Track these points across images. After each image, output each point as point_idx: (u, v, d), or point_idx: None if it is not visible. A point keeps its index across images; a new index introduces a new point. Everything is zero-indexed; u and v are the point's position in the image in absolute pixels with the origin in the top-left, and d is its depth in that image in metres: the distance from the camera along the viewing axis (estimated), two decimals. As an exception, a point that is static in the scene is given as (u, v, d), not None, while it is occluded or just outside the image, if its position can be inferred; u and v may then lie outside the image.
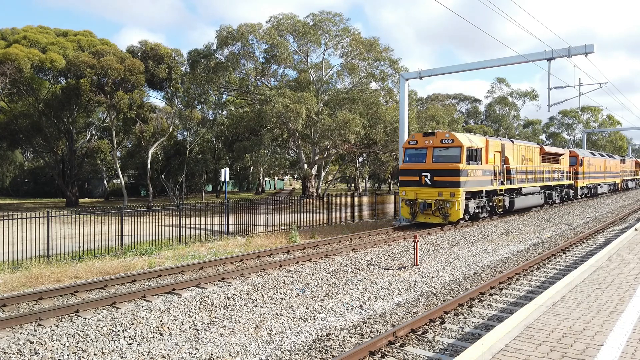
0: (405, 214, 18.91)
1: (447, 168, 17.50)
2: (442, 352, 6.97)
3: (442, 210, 17.65)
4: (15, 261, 12.43)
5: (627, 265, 10.24)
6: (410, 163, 18.80)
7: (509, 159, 21.24)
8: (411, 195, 18.43)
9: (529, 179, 23.39)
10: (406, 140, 19.30)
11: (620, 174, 45.33)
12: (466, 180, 17.52)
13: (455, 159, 17.49)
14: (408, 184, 18.62)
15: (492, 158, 19.70)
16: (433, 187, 17.81)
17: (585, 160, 33.15)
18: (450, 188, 17.33)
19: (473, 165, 17.96)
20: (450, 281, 11.47)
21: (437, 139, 18.00)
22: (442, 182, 17.59)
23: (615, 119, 75.69)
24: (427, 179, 17.95)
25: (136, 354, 6.84)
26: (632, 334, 5.91)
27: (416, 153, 18.73)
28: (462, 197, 17.34)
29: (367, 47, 33.62)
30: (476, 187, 18.43)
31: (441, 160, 17.87)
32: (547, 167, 25.89)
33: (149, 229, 16.42)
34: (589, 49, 18.68)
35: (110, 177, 51.66)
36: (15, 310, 8.59)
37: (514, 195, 21.74)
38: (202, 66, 33.33)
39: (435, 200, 17.75)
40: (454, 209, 17.34)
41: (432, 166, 17.96)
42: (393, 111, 32.34)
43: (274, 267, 11.75)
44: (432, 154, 18.10)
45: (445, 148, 17.84)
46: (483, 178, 18.85)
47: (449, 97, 68.89)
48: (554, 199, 27.20)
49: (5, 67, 28.54)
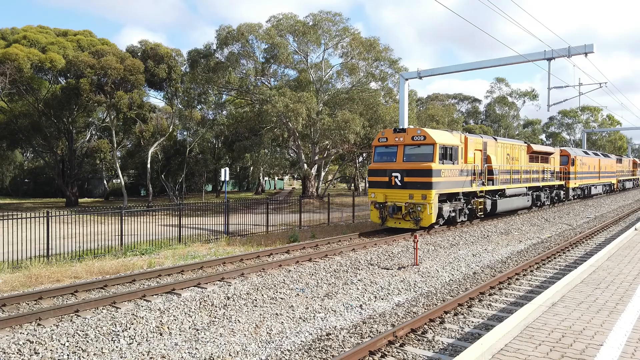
0: (374, 218, 17.40)
1: (418, 168, 16.10)
2: (442, 351, 6.97)
3: (413, 214, 16.17)
4: (15, 261, 12.43)
5: (627, 265, 10.24)
6: (379, 162, 17.33)
7: (492, 158, 19.99)
8: (380, 197, 16.90)
9: (514, 179, 22.24)
10: (376, 137, 17.77)
11: (617, 174, 44.08)
12: (440, 181, 16.21)
13: (428, 158, 16.11)
14: (377, 185, 17.14)
15: (471, 157, 18.40)
16: (403, 189, 16.34)
17: (577, 160, 31.97)
18: (422, 190, 15.92)
19: (448, 164, 16.64)
20: (450, 281, 11.47)
21: (408, 135, 16.58)
22: (413, 183, 16.16)
23: (615, 118, 75.79)
24: (397, 180, 16.45)
25: (136, 353, 6.84)
26: (631, 334, 5.92)
27: (386, 151, 17.21)
28: (434, 200, 15.95)
29: (367, 47, 33.63)
30: (452, 189, 17.07)
31: (413, 159, 16.46)
32: (535, 167, 24.74)
33: (149, 228, 16.41)
34: (588, 49, 18.69)
35: (110, 177, 51.66)
36: (15, 310, 8.59)
37: (497, 197, 20.47)
38: (202, 66, 33.33)
39: (406, 203, 16.27)
40: (426, 213, 15.90)
41: (402, 165, 16.49)
42: (393, 111, 32.35)
43: (273, 267, 11.75)
44: (403, 152, 16.64)
45: (417, 146, 16.41)
46: (460, 179, 17.53)
47: (449, 97, 68.94)
48: (543, 200, 26.07)
49: (5, 67, 28.55)
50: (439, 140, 16.21)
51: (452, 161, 16.86)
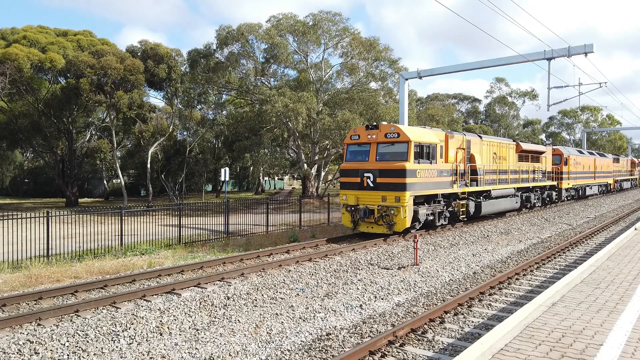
0: (346, 222, 16.32)
1: (391, 168, 14.97)
2: (442, 351, 6.97)
3: (386, 218, 15.03)
4: (15, 261, 12.43)
5: (626, 264, 10.25)
6: (351, 162, 16.16)
7: (476, 157, 18.93)
8: (352, 200, 15.73)
9: (501, 179, 21.13)
10: (348, 135, 16.57)
11: (613, 174, 42.70)
12: (415, 182, 15.09)
13: (401, 157, 14.98)
14: (349, 186, 15.94)
15: (453, 156, 17.35)
16: (376, 191, 15.18)
17: (570, 159, 30.64)
18: (395, 191, 14.74)
19: (425, 164, 15.54)
20: (450, 281, 11.47)
21: (381, 133, 15.40)
22: (385, 185, 15.01)
23: (615, 118, 75.87)
24: (369, 181, 15.29)
25: (136, 353, 6.84)
26: (631, 334, 5.92)
27: (359, 150, 16.07)
28: (409, 203, 14.83)
29: (366, 47, 33.64)
30: (429, 190, 15.98)
31: (387, 158, 15.33)
32: (524, 167, 23.64)
33: (149, 228, 16.42)
34: (588, 49, 18.70)
35: (110, 177, 51.68)
36: (15, 310, 8.59)
37: (482, 199, 19.31)
38: (202, 66, 33.35)
39: (379, 206, 15.11)
40: (399, 217, 14.75)
41: (375, 165, 15.33)
42: (393, 111, 32.35)
43: (273, 267, 11.75)
44: (376, 150, 15.50)
45: (390, 144, 15.29)
46: (439, 179, 16.43)
47: (449, 96, 68.99)
48: (533, 202, 24.83)
49: (5, 67, 28.57)
50: (413, 137, 15.15)
51: (430, 160, 15.81)
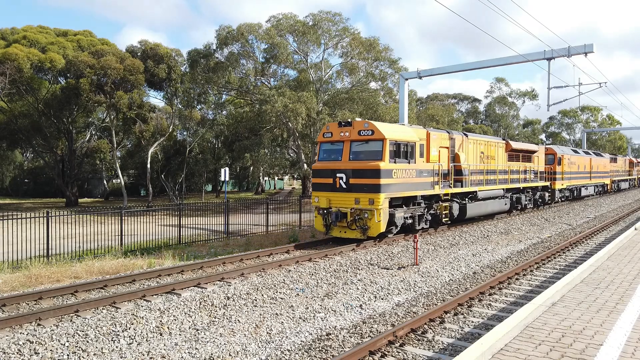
0: (318, 226, 15.31)
1: (364, 167, 14.01)
2: (442, 351, 6.97)
3: (360, 222, 14.06)
4: (15, 261, 12.43)
5: (626, 264, 10.25)
6: (324, 161, 15.23)
7: (461, 156, 18.04)
8: (323, 202, 14.73)
9: (488, 180, 20.11)
10: (321, 132, 15.49)
11: (610, 174, 41.57)
12: (391, 183, 14.10)
13: (376, 156, 14.02)
14: (321, 187, 14.98)
15: (435, 155, 16.42)
16: (349, 192, 14.23)
17: (564, 159, 29.53)
18: (369, 193, 13.81)
19: (402, 163, 14.57)
20: (450, 281, 11.48)
21: (355, 130, 14.44)
22: (359, 186, 14.06)
23: (615, 118, 75.92)
24: (342, 182, 14.36)
25: (136, 353, 6.84)
26: (631, 334, 5.92)
27: (332, 148, 15.12)
28: (383, 205, 13.84)
29: (366, 47, 33.65)
30: (408, 192, 14.97)
31: (361, 157, 14.38)
32: (515, 167, 22.71)
33: (149, 228, 16.42)
34: (588, 49, 18.71)
35: (110, 177, 51.68)
36: (15, 310, 8.59)
37: (467, 201, 18.31)
38: (202, 66, 33.36)
39: (352, 209, 14.12)
40: (373, 221, 13.78)
41: (348, 165, 14.38)
42: (393, 111, 32.37)
43: (273, 267, 11.75)
44: (349, 149, 14.56)
45: (365, 142, 14.36)
46: (419, 180, 15.44)
47: (449, 96, 69.00)
48: (524, 203, 23.72)
49: (5, 67, 28.57)
50: (389, 135, 14.14)
51: (408, 159, 14.88)
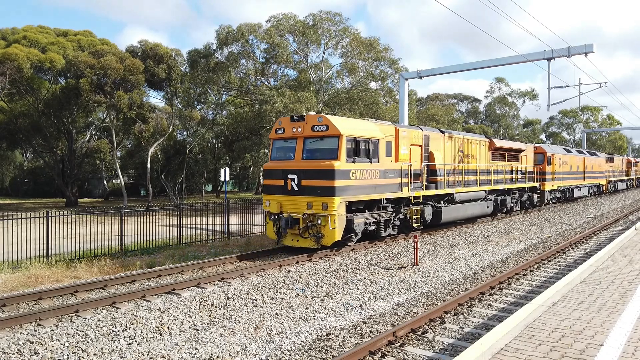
0: (269, 233, 13.80)
1: (317, 168, 12.55)
2: (442, 351, 6.97)
3: (314, 229, 12.58)
4: (15, 261, 12.43)
5: (627, 265, 10.25)
6: (275, 161, 13.83)
7: (436, 155, 16.77)
8: (274, 207, 13.26)
9: (468, 181, 18.86)
10: (273, 128, 14.04)
11: (606, 174, 40.34)
12: (348, 185, 12.62)
13: (331, 154, 12.52)
14: (272, 190, 13.55)
15: (405, 153, 15.09)
16: (301, 196, 12.78)
17: (555, 158, 28.33)
18: (322, 197, 12.31)
19: (363, 162, 13.13)
20: (450, 281, 11.48)
21: (308, 125, 12.94)
22: (311, 189, 12.59)
23: (615, 118, 75.99)
24: (293, 184, 12.92)
25: (136, 354, 6.84)
26: (631, 334, 5.92)
27: (284, 146, 13.68)
28: (339, 210, 12.34)
29: (366, 47, 33.65)
30: (369, 195, 13.47)
31: (316, 155, 12.90)
32: (499, 167, 21.40)
33: (149, 229, 16.42)
34: (588, 49, 18.73)
35: (110, 177, 51.64)
36: (15, 310, 8.59)
37: (443, 204, 17.03)
38: (202, 66, 33.35)
39: (304, 214, 12.62)
40: (327, 228, 12.29)
41: (300, 165, 12.96)
42: (393, 111, 32.38)
43: (273, 267, 11.75)
44: (303, 147, 13.11)
45: (319, 138, 12.87)
46: (383, 181, 13.97)
47: (449, 96, 69.02)
48: (510, 206, 22.24)
49: (5, 67, 28.56)
50: (346, 130, 12.69)
51: (371, 158, 13.44)
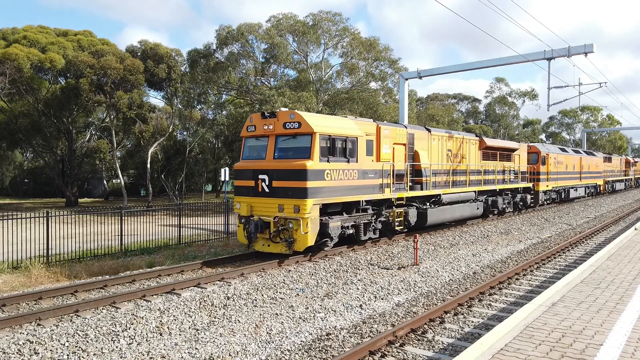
0: (240, 237, 13.06)
1: (288, 168, 11.83)
2: (442, 351, 6.97)
3: (285, 233, 11.86)
4: (15, 261, 12.43)
5: (626, 264, 10.25)
6: (247, 160, 13.06)
7: (421, 154, 16.09)
8: (244, 209, 12.58)
9: (456, 182, 18.21)
10: (244, 125, 13.27)
11: (603, 174, 39.44)
12: (322, 186, 11.88)
13: (303, 154, 11.78)
14: (242, 191, 12.82)
15: (387, 153, 14.43)
16: (272, 198, 12.05)
17: (550, 158, 27.46)
18: (294, 199, 11.59)
19: (339, 162, 12.39)
20: (450, 281, 11.48)
21: (280, 122, 12.18)
22: (283, 190, 11.86)
23: (615, 118, 76.02)
24: (264, 185, 12.19)
25: (136, 353, 6.84)
26: (631, 334, 5.92)
27: (256, 145, 12.95)
28: (312, 213, 11.60)
29: (366, 47, 33.65)
30: (347, 197, 12.70)
31: (289, 155, 12.16)
32: (490, 167, 20.67)
33: (149, 228, 16.42)
34: (588, 49, 18.72)
35: (110, 177, 51.64)
36: (14, 310, 8.59)
37: (428, 206, 16.36)
38: (202, 66, 33.35)
39: (275, 217, 11.89)
40: (300, 232, 11.56)
41: (271, 165, 12.20)
42: (393, 111, 32.39)
43: (273, 267, 11.74)
44: (275, 145, 12.35)
45: (291, 137, 12.13)
46: (362, 182, 13.26)
47: (449, 96, 68.98)
48: (501, 207, 21.56)
49: (5, 67, 28.55)
50: (320, 128, 11.94)
51: (348, 158, 12.70)
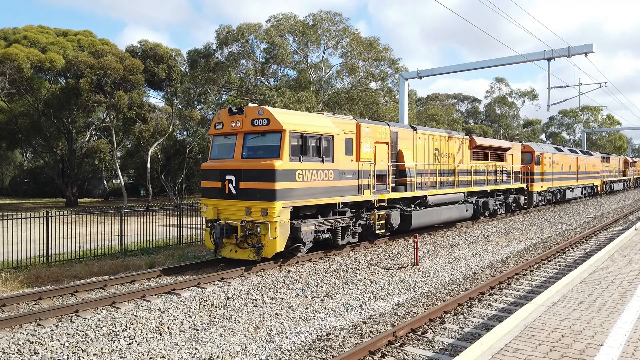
0: (207, 242, 12.19)
1: (255, 168, 11.05)
2: (442, 352, 6.97)
3: (253, 239, 11.02)
4: (15, 261, 12.43)
5: (626, 265, 10.25)
6: (214, 160, 12.23)
7: (405, 154, 15.43)
8: (211, 212, 11.74)
9: (444, 182, 17.59)
10: (212, 122, 12.43)
11: (601, 175, 38.73)
12: (293, 187, 11.12)
13: (272, 152, 11.01)
14: (209, 193, 11.97)
15: (368, 152, 13.69)
16: (239, 200, 11.21)
17: (544, 158, 26.75)
18: (262, 201, 10.78)
19: (312, 162, 11.61)
20: (450, 281, 11.48)
21: (248, 119, 11.35)
22: (250, 192, 11.03)
23: (615, 118, 76.04)
24: (231, 186, 11.35)
25: (136, 354, 6.84)
26: (631, 334, 5.92)
27: (224, 143, 12.10)
28: (281, 217, 10.81)
29: (366, 47, 33.66)
30: (321, 199, 11.93)
31: (259, 154, 11.35)
32: (481, 167, 19.98)
33: (149, 228, 16.42)
34: (588, 49, 18.73)
35: (110, 177, 51.65)
36: (14, 310, 8.59)
37: (413, 208, 15.63)
38: (202, 66, 33.37)
39: (242, 221, 11.05)
40: (267, 238, 10.72)
41: (238, 164, 11.36)
42: (393, 111, 32.41)
43: (273, 267, 11.75)
44: (243, 143, 11.52)
45: (260, 134, 11.32)
46: (339, 183, 12.49)
47: (449, 96, 69.00)
48: (493, 208, 20.80)
49: (5, 67, 28.56)
50: (290, 125, 11.13)
51: (323, 157, 11.92)
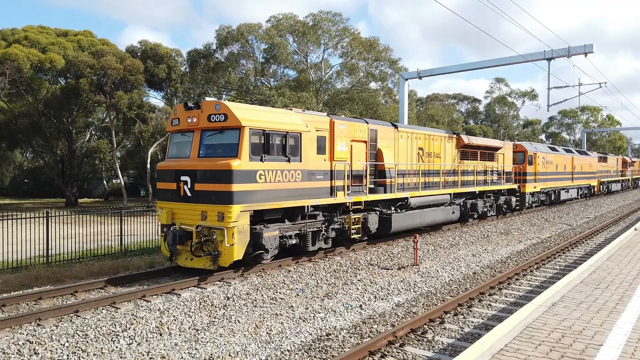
0: (163, 249, 11.27)
1: (211, 168, 10.15)
2: (442, 352, 6.98)
3: (210, 246, 10.10)
4: (15, 261, 12.43)
5: (626, 265, 10.25)
6: (170, 159, 11.31)
7: (385, 153, 14.51)
8: (165, 217, 10.78)
9: (428, 183, 16.75)
10: (169, 119, 11.47)
11: (598, 175, 37.87)
12: (254, 189, 10.21)
13: (230, 151, 10.11)
14: (164, 196, 11.07)
15: (344, 151, 12.84)
16: (194, 203, 10.31)
17: (538, 157, 25.77)
18: (218, 205, 9.88)
19: (276, 162, 10.72)
20: (450, 281, 11.48)
21: (204, 114, 10.40)
22: (206, 194, 10.15)
23: (614, 118, 76.11)
24: (186, 188, 10.43)
25: (136, 354, 6.84)
26: (631, 334, 5.92)
27: (182, 141, 11.18)
28: (239, 222, 9.88)
29: (366, 47, 33.68)
30: (287, 202, 10.99)
31: (217, 152, 10.45)
32: (469, 167, 19.10)
33: (149, 228, 16.41)
34: (588, 49, 18.74)
35: (110, 177, 51.66)
36: (14, 310, 8.58)
37: (394, 210, 14.70)
38: (202, 66, 33.41)
39: (198, 226, 10.11)
40: (224, 245, 9.76)
41: (193, 164, 10.47)
42: (393, 111, 32.43)
43: (273, 267, 11.74)
44: (200, 141, 10.60)
45: (218, 131, 10.40)
46: (308, 185, 11.57)
47: (449, 97, 69.04)
48: (482, 210, 19.75)
49: (5, 67, 28.57)
50: (250, 122, 10.18)
51: (289, 156, 11.01)
